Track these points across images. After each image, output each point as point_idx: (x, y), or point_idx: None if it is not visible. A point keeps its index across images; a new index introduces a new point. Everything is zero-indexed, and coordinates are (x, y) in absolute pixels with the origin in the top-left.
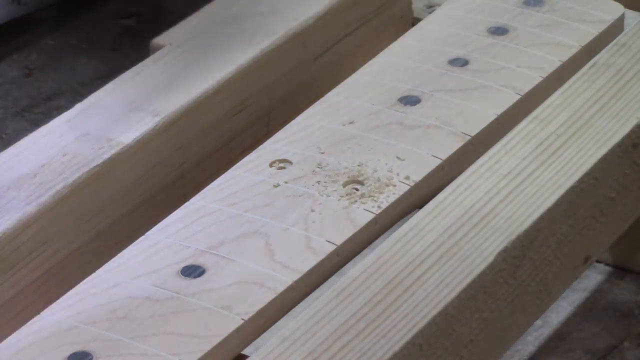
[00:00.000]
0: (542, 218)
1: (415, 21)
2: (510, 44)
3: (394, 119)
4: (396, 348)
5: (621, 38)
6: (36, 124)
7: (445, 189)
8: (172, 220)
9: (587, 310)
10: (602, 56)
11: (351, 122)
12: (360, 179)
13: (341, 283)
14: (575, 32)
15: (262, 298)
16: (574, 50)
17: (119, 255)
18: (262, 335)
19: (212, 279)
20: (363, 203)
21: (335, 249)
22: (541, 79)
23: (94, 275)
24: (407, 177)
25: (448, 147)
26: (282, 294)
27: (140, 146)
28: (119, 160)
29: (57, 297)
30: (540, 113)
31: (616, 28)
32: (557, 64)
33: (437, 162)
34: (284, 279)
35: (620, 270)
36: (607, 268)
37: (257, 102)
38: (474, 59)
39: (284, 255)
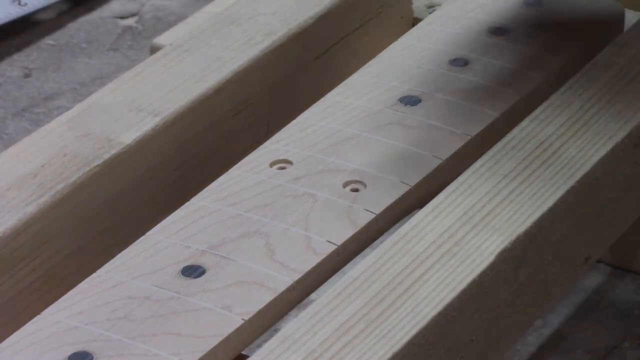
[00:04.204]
0: (542, 218)
1: (415, 21)
2: (511, 44)
3: (394, 119)
4: (396, 348)
5: (621, 38)
6: (36, 124)
7: (445, 189)
8: (172, 220)
9: (587, 310)
10: (602, 56)
11: (351, 122)
12: (360, 179)
13: (341, 283)
14: (575, 32)
15: (262, 298)
16: (574, 50)
17: (119, 255)
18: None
19: (213, 279)
20: (363, 203)
21: (336, 249)
22: (541, 79)
23: (94, 275)
24: (408, 177)
25: (448, 147)
26: (282, 294)
27: (141, 146)
28: (119, 160)
29: (57, 297)
30: (540, 113)
31: (616, 28)
32: (557, 64)
33: (437, 162)
34: (284, 279)
35: (620, 270)
36: (607, 268)
37: (257, 102)
38: (474, 59)
39: (284, 255)
